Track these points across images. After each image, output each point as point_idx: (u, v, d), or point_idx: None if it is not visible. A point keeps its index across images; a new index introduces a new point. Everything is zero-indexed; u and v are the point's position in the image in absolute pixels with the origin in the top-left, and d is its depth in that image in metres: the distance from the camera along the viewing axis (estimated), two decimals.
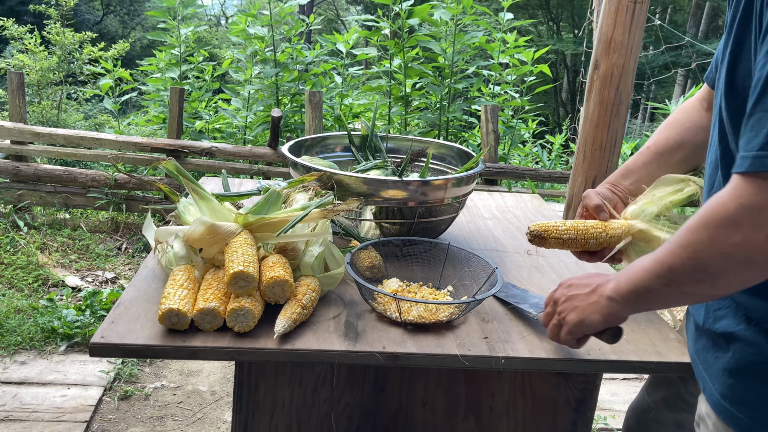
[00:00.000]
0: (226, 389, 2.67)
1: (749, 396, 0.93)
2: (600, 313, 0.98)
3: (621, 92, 2.38)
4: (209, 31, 15.93)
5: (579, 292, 1.02)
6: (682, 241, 0.84)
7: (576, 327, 1.02)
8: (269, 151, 4.41)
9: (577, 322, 1.01)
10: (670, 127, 1.28)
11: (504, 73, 5.54)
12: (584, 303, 1.00)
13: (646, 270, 0.90)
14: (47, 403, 2.43)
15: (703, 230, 0.82)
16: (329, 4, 22.32)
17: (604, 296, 0.97)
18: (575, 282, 1.05)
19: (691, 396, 1.19)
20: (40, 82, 6.26)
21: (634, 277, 0.92)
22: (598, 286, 1.00)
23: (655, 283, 0.89)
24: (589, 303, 1.00)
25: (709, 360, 1.02)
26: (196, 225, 1.15)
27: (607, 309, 0.97)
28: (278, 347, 1.04)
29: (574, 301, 1.02)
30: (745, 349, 0.94)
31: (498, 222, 1.85)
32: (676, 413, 1.24)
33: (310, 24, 5.78)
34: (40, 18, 7.48)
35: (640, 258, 0.93)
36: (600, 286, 0.99)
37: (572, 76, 17.23)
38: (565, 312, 1.03)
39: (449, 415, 1.30)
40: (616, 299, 0.96)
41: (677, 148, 1.25)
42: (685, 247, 0.84)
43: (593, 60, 2.40)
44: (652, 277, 0.89)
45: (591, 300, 1.00)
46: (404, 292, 1.25)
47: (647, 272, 0.90)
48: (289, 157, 1.52)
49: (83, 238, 4.22)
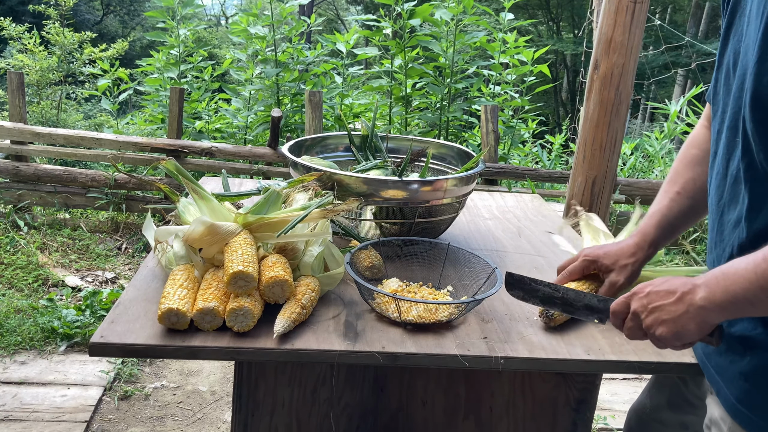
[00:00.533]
0: (226, 389, 2.67)
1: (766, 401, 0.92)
2: (694, 322, 0.93)
3: (621, 92, 2.37)
4: (210, 31, 15.93)
5: (662, 302, 0.96)
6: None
7: (672, 340, 0.96)
8: (269, 151, 4.41)
9: (672, 336, 0.95)
10: (690, 165, 1.21)
11: (504, 73, 5.54)
12: (673, 315, 0.94)
13: (747, 281, 0.85)
14: (47, 403, 2.43)
15: None
16: (329, 4, 22.32)
17: (695, 305, 0.92)
18: (653, 290, 0.98)
19: (695, 398, 1.19)
20: (40, 82, 6.26)
21: (731, 287, 0.87)
22: (685, 295, 0.93)
23: (759, 295, 0.85)
24: (680, 314, 0.93)
25: (722, 364, 1.01)
26: (195, 225, 1.15)
27: (701, 318, 0.92)
28: (278, 347, 1.04)
29: (660, 314, 0.96)
30: (764, 354, 0.93)
31: (498, 222, 1.85)
32: (680, 415, 1.24)
33: (310, 24, 5.79)
34: (40, 18, 7.48)
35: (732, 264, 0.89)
36: (687, 294, 0.93)
37: (572, 76, 17.24)
38: (653, 326, 0.97)
39: (449, 414, 1.30)
40: (709, 308, 0.91)
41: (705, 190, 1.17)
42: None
43: (593, 60, 2.40)
44: (754, 289, 0.85)
45: (680, 310, 0.93)
46: (404, 292, 1.25)
47: (748, 283, 0.85)
48: (289, 157, 1.52)
49: (83, 238, 4.22)
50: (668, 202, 1.21)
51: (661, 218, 1.20)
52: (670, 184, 1.22)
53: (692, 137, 1.25)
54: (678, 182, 1.21)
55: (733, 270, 0.88)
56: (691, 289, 0.93)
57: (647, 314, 0.97)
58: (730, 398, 0.97)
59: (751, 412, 0.94)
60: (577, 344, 1.13)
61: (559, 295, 1.15)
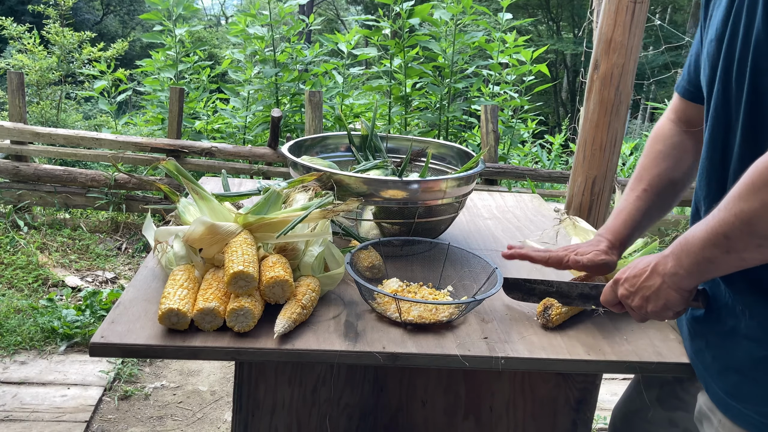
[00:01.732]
0: (226, 389, 2.67)
1: (756, 392, 0.93)
2: (673, 290, 0.97)
3: (621, 92, 2.37)
4: (209, 31, 15.92)
5: (639, 281, 1.01)
6: (734, 209, 0.83)
7: (663, 313, 1.01)
8: (269, 151, 4.41)
9: (661, 309, 1.00)
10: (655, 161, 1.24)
11: (503, 73, 5.55)
12: (652, 289, 0.99)
13: (703, 240, 0.89)
14: (47, 403, 2.43)
15: (752, 196, 0.81)
16: (329, 4, 22.31)
17: (668, 274, 0.96)
18: (631, 273, 1.03)
19: (686, 393, 1.19)
20: (40, 82, 6.26)
21: (692, 249, 0.91)
22: (656, 266, 0.98)
23: (715, 252, 0.88)
24: (658, 286, 0.98)
25: (706, 360, 1.03)
26: (196, 225, 1.15)
27: (677, 285, 0.96)
28: (278, 347, 1.04)
29: (642, 292, 1.01)
30: (749, 344, 0.94)
31: (498, 222, 1.85)
32: (670, 411, 1.24)
33: (309, 24, 5.78)
34: (39, 18, 7.48)
35: (691, 229, 0.92)
36: (658, 265, 0.98)
37: (572, 76, 17.23)
38: (642, 306, 1.02)
39: (449, 414, 1.30)
40: (681, 274, 0.95)
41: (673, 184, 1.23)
42: (737, 215, 0.83)
43: (593, 60, 2.40)
44: (710, 247, 0.88)
45: (656, 283, 0.98)
46: (404, 292, 1.25)
47: (704, 242, 0.89)
48: (289, 157, 1.52)
49: (83, 238, 4.22)
50: (635, 200, 1.24)
51: (628, 217, 1.23)
52: (637, 182, 1.25)
53: (657, 132, 1.27)
54: (644, 179, 1.24)
55: (692, 234, 0.92)
56: (661, 260, 0.98)
57: (633, 297, 1.03)
58: (719, 392, 0.98)
59: (740, 403, 0.94)
60: (578, 344, 1.13)
61: (553, 290, 1.20)
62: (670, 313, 1.01)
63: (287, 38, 5.63)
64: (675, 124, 1.24)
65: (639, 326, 1.22)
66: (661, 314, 1.01)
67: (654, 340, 1.17)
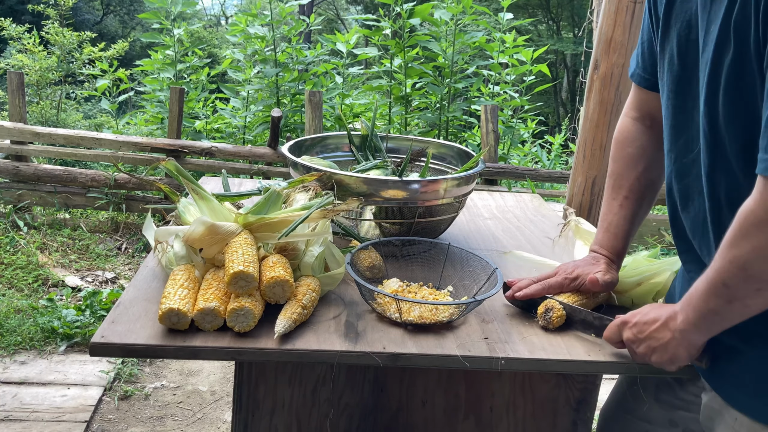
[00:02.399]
0: (226, 389, 2.67)
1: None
2: (682, 347, 0.98)
3: (621, 92, 2.37)
4: (209, 31, 15.92)
5: (648, 330, 1.01)
6: (728, 257, 0.85)
7: (668, 365, 1.02)
8: (269, 151, 4.41)
9: (666, 361, 1.01)
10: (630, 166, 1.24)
11: (503, 73, 5.55)
12: (661, 342, 1.00)
13: (705, 293, 0.91)
14: (47, 403, 2.43)
15: (743, 241, 0.83)
16: (329, 4, 22.31)
17: (678, 330, 0.98)
18: (641, 320, 1.03)
19: (687, 393, 1.19)
20: (40, 82, 6.26)
21: (697, 303, 0.93)
22: (668, 321, 0.99)
23: (718, 302, 0.89)
24: (667, 341, 0.99)
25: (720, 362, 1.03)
26: (196, 225, 1.15)
27: (686, 341, 0.97)
28: (278, 347, 1.04)
29: (650, 342, 1.01)
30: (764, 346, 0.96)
31: (498, 222, 1.85)
32: (670, 411, 1.24)
33: (310, 24, 5.79)
34: (39, 18, 7.48)
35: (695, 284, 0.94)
36: (669, 320, 0.99)
37: (572, 76, 17.23)
38: (647, 354, 1.03)
39: (449, 414, 1.30)
40: (690, 330, 0.96)
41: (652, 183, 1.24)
42: (732, 261, 0.85)
43: (593, 60, 2.40)
44: (712, 298, 0.90)
45: (666, 337, 0.99)
46: (404, 292, 1.25)
47: (707, 294, 0.91)
48: (289, 157, 1.52)
49: (83, 238, 4.22)
50: (619, 210, 1.25)
51: (618, 230, 1.25)
52: (616, 190, 1.25)
53: (623, 134, 1.27)
54: (624, 186, 1.25)
55: (695, 287, 0.94)
56: (671, 315, 0.99)
57: (639, 343, 1.03)
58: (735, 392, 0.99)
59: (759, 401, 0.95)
60: (578, 345, 1.13)
61: None
62: (673, 366, 1.02)
63: (288, 38, 5.63)
64: (638, 122, 1.25)
65: None
66: (665, 365, 1.02)
67: None
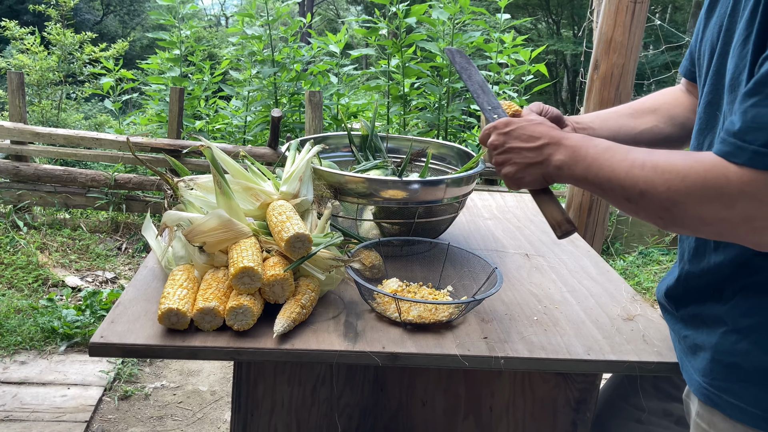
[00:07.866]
0: (226, 389, 2.67)
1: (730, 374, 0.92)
2: (542, 175, 0.96)
3: (621, 92, 2.38)
4: (209, 31, 15.93)
5: (522, 145, 0.98)
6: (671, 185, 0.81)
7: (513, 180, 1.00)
8: (269, 151, 4.41)
9: (514, 177, 0.99)
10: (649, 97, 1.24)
11: (502, 73, 5.55)
12: (527, 161, 0.97)
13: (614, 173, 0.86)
14: (47, 403, 2.43)
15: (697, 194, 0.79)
16: (329, 3, 22.32)
17: (551, 164, 0.94)
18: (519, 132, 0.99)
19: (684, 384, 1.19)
20: (40, 82, 6.26)
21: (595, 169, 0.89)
22: (546, 147, 0.95)
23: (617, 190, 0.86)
24: (534, 163, 0.96)
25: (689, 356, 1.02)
26: (212, 216, 1.14)
27: (551, 176, 0.95)
28: (278, 347, 1.04)
29: (514, 155, 0.98)
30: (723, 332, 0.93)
31: (498, 222, 1.85)
32: (665, 402, 1.24)
33: (307, 23, 5.80)
34: (40, 18, 7.49)
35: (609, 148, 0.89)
36: (548, 147, 0.95)
37: (572, 76, 17.23)
38: (504, 163, 1.00)
39: (449, 415, 1.30)
40: (562, 174, 0.93)
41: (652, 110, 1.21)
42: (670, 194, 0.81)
43: (593, 60, 2.40)
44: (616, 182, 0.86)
45: (535, 160, 0.96)
46: (404, 292, 1.25)
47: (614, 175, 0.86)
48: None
49: (83, 238, 4.22)
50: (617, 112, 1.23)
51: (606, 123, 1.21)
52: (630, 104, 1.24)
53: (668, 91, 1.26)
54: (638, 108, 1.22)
55: (608, 156, 0.89)
56: (554, 145, 0.95)
57: (501, 152, 1.00)
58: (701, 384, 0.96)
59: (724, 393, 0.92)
60: (578, 344, 1.13)
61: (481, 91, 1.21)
62: (515, 186, 1.00)
63: (285, 38, 5.64)
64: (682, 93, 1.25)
65: (638, 326, 1.22)
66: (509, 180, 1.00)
67: (654, 340, 1.17)
